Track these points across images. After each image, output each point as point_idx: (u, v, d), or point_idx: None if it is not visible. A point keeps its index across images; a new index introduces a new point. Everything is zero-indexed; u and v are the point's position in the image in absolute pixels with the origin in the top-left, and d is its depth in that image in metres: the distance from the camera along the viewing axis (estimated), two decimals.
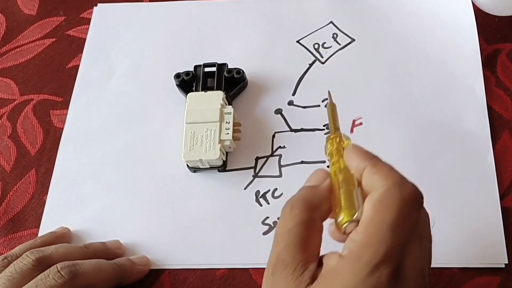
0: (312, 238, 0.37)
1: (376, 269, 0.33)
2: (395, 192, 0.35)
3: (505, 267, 0.47)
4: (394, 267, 0.34)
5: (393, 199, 0.35)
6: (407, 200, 0.35)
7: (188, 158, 0.52)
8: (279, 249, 0.36)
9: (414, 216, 0.36)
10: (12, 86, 0.61)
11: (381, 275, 0.33)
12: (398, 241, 0.34)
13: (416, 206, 0.36)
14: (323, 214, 0.38)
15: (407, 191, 0.35)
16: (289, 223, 0.37)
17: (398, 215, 0.34)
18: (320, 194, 0.38)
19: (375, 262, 0.33)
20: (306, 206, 0.37)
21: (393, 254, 0.34)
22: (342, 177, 0.39)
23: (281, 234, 0.37)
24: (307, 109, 0.56)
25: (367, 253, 0.34)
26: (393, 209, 0.35)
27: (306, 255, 0.36)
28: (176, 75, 0.57)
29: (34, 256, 0.45)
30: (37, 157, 0.56)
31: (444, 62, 0.57)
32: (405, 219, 0.35)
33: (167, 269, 0.50)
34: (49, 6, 0.66)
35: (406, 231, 0.35)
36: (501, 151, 0.52)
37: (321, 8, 0.62)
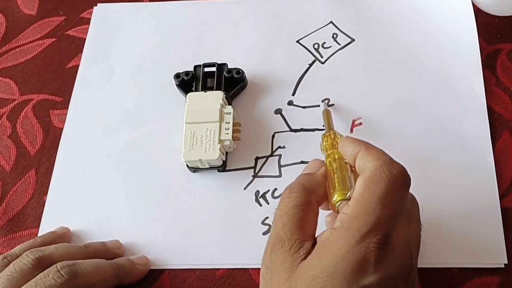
0: (309, 219, 0.40)
1: (366, 237, 0.36)
2: (385, 170, 0.38)
3: (504, 267, 0.47)
4: (382, 237, 0.36)
5: (383, 175, 0.38)
6: (396, 177, 0.38)
7: (188, 158, 0.52)
8: (277, 229, 0.39)
9: (401, 194, 0.38)
10: (12, 86, 0.61)
11: (370, 243, 0.36)
12: (386, 213, 0.37)
13: (404, 184, 0.39)
14: (319, 197, 0.41)
15: (396, 169, 0.38)
16: (287, 205, 0.40)
17: (387, 190, 0.37)
18: (316, 179, 0.42)
19: (364, 230, 0.36)
20: (304, 189, 0.41)
21: (381, 224, 0.37)
22: (336, 165, 0.43)
23: (279, 215, 0.40)
24: (307, 109, 0.56)
25: (357, 222, 0.37)
26: (382, 184, 0.38)
27: (303, 234, 0.38)
28: (176, 75, 0.57)
29: (33, 256, 0.45)
30: (37, 157, 0.56)
31: (444, 62, 0.57)
32: (393, 195, 0.38)
33: (167, 269, 0.50)
34: (49, 6, 0.66)
35: (393, 205, 0.37)
36: (501, 151, 0.52)
37: (321, 8, 0.62)
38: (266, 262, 0.39)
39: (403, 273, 0.37)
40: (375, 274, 0.36)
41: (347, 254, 0.36)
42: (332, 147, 0.46)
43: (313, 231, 0.40)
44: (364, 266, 0.36)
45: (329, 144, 0.46)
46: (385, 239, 0.36)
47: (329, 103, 0.55)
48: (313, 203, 0.41)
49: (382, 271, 0.36)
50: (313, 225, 0.40)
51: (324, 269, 0.36)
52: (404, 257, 0.38)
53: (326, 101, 0.55)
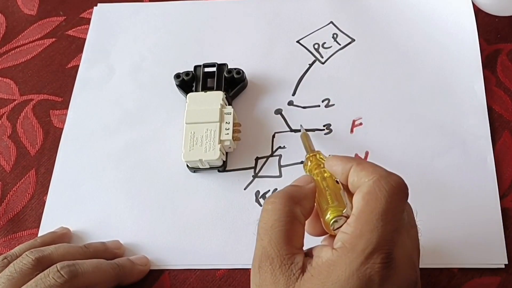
0: (295, 231, 0.38)
1: (370, 257, 0.35)
2: (383, 184, 0.37)
3: (504, 268, 0.47)
4: (386, 255, 0.35)
5: (382, 189, 0.36)
6: (395, 190, 0.37)
7: (188, 158, 0.52)
8: (264, 244, 0.37)
9: (402, 205, 0.37)
10: (12, 86, 0.61)
11: (375, 263, 0.35)
12: (389, 229, 0.36)
13: (403, 196, 0.37)
14: (304, 211, 0.39)
15: (394, 182, 0.37)
16: (272, 217, 0.38)
17: (387, 204, 0.36)
18: (303, 191, 0.40)
19: (368, 251, 0.35)
20: (288, 199, 0.38)
21: (385, 242, 0.35)
22: (326, 183, 0.41)
23: (263, 229, 0.38)
24: (307, 109, 0.56)
25: (360, 242, 0.35)
26: (382, 199, 0.36)
27: (291, 248, 0.37)
28: (176, 75, 0.57)
29: (33, 256, 0.45)
30: (37, 157, 0.56)
31: (444, 62, 0.57)
32: (394, 209, 0.36)
33: (167, 270, 0.50)
34: (49, 6, 0.66)
35: (395, 219, 0.36)
36: (501, 151, 0.52)
37: (321, 8, 0.62)
38: (255, 280, 0.37)
39: (407, 286, 0.36)
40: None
41: (352, 277, 0.34)
42: (318, 167, 0.43)
43: (301, 243, 0.38)
44: (369, 285, 0.34)
45: (314, 164, 0.44)
46: (388, 257, 0.35)
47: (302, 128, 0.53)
48: (298, 215, 0.38)
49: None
50: (300, 237, 0.38)
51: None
52: (408, 271, 0.36)
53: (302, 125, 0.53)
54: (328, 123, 0.55)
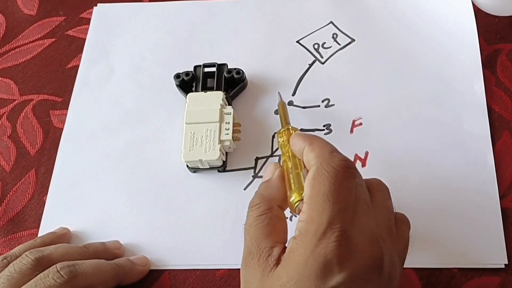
0: (274, 226, 0.40)
1: (323, 238, 0.36)
2: (325, 166, 0.38)
3: (504, 268, 0.47)
4: (340, 233, 0.36)
5: (324, 172, 0.38)
6: (337, 171, 0.38)
7: (188, 158, 0.52)
8: (247, 243, 0.40)
9: (348, 184, 0.38)
10: (12, 86, 0.61)
11: (328, 243, 0.36)
12: (337, 208, 0.37)
13: (347, 175, 0.38)
14: (280, 202, 0.42)
15: (335, 163, 0.38)
16: (251, 218, 0.40)
17: (330, 185, 0.37)
18: (273, 185, 0.43)
19: (320, 232, 0.36)
20: (263, 199, 0.41)
21: (334, 221, 0.36)
22: (291, 164, 0.43)
23: (246, 230, 0.40)
24: (307, 110, 0.56)
25: (312, 226, 0.36)
26: (326, 182, 0.37)
27: (270, 241, 0.39)
28: (176, 76, 0.57)
29: (33, 256, 0.45)
30: (37, 157, 0.56)
31: (444, 62, 0.57)
32: (339, 188, 0.37)
33: (167, 270, 0.50)
34: (49, 6, 0.66)
35: (342, 198, 0.37)
36: (501, 152, 0.52)
37: (321, 8, 0.62)
38: (242, 276, 0.39)
39: (375, 265, 0.37)
40: (341, 273, 0.35)
41: (308, 259, 0.36)
42: (288, 143, 0.45)
43: (282, 236, 0.40)
44: (328, 267, 0.35)
45: (285, 140, 0.45)
46: (343, 235, 0.36)
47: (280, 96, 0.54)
48: (275, 209, 0.41)
49: (348, 268, 0.35)
50: (281, 230, 0.40)
51: (290, 278, 0.36)
52: (371, 248, 0.37)
53: (280, 92, 0.54)
54: (328, 123, 0.55)
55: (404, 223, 0.43)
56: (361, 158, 0.52)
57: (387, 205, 0.41)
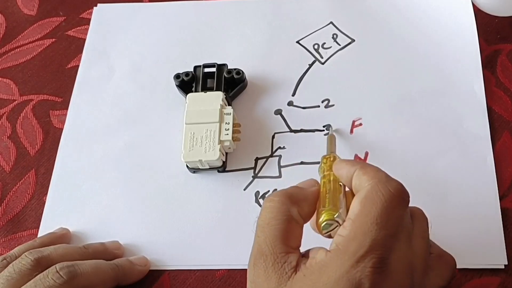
0: (291, 231, 0.38)
1: (361, 260, 0.34)
2: (381, 188, 0.37)
3: (504, 268, 0.47)
4: (379, 259, 0.34)
5: (379, 194, 0.36)
6: (392, 195, 0.36)
7: (188, 158, 0.52)
8: (259, 241, 0.37)
9: (400, 211, 0.37)
10: (12, 87, 0.61)
11: (366, 267, 0.34)
12: (383, 233, 0.35)
13: (401, 202, 0.37)
14: (303, 212, 0.39)
15: (392, 187, 0.37)
16: (268, 215, 0.38)
17: (383, 209, 0.36)
18: (304, 193, 0.40)
19: (360, 253, 0.34)
20: (287, 198, 0.39)
21: (378, 246, 0.35)
22: (330, 186, 0.41)
23: (261, 226, 0.38)
24: (307, 110, 0.56)
25: (352, 245, 0.35)
26: (379, 204, 0.36)
27: (285, 247, 0.37)
28: (176, 76, 0.57)
29: (33, 257, 0.45)
30: (36, 157, 0.56)
31: (444, 62, 0.57)
32: (390, 213, 0.36)
33: (167, 270, 0.50)
34: (48, 6, 0.66)
35: (391, 225, 0.36)
36: (500, 152, 0.52)
37: (321, 9, 0.62)
38: (250, 276, 0.37)
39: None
40: None
41: (341, 279, 0.34)
42: (329, 169, 0.43)
43: (297, 243, 0.38)
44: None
45: (327, 166, 0.43)
46: (381, 262, 0.35)
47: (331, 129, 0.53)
48: (295, 215, 0.38)
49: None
50: (297, 237, 0.38)
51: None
52: (403, 279, 0.36)
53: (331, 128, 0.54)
54: (328, 124, 0.55)
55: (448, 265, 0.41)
56: (361, 158, 0.52)
57: (426, 236, 0.39)
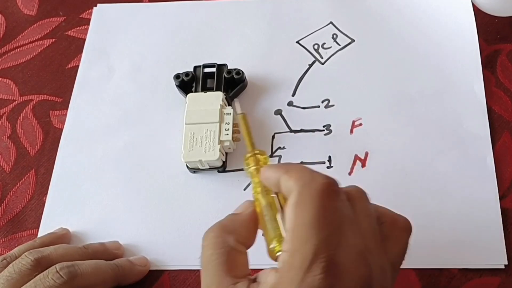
0: (234, 261, 0.37)
1: (309, 271, 0.33)
2: (307, 190, 0.35)
3: (504, 268, 0.47)
4: (326, 263, 0.33)
5: (307, 197, 0.35)
6: (320, 193, 0.35)
7: (188, 159, 0.52)
8: (205, 280, 0.37)
9: (333, 205, 0.35)
10: (12, 87, 0.61)
11: (316, 275, 0.33)
12: (323, 235, 0.34)
13: (331, 195, 0.36)
14: (241, 238, 0.38)
15: (317, 184, 0.35)
16: (207, 252, 0.37)
17: (315, 211, 0.34)
18: (238, 220, 0.39)
19: (306, 265, 0.33)
20: (220, 230, 0.38)
21: (321, 250, 0.34)
22: (265, 201, 0.39)
23: (203, 266, 0.37)
24: (307, 110, 0.56)
25: (297, 258, 0.34)
26: (310, 207, 0.35)
27: (231, 279, 0.36)
28: (176, 76, 0.57)
29: (33, 257, 0.45)
30: (36, 157, 0.56)
31: (444, 62, 0.57)
32: (324, 212, 0.35)
33: (167, 270, 0.50)
34: (48, 7, 0.66)
35: (329, 222, 0.34)
36: (500, 152, 0.52)
37: (321, 9, 0.62)
38: None
39: (364, 284, 0.34)
40: None
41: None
42: (258, 173, 0.40)
43: (244, 271, 0.37)
44: None
45: (254, 169, 0.41)
46: (330, 264, 0.33)
47: (237, 105, 0.46)
48: (234, 244, 0.37)
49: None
50: (243, 265, 0.37)
51: None
52: (359, 269, 0.34)
53: (237, 100, 0.47)
54: (328, 124, 0.55)
55: (402, 229, 0.39)
56: (361, 158, 0.52)
57: (370, 213, 0.38)
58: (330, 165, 0.52)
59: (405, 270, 0.47)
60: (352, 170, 0.52)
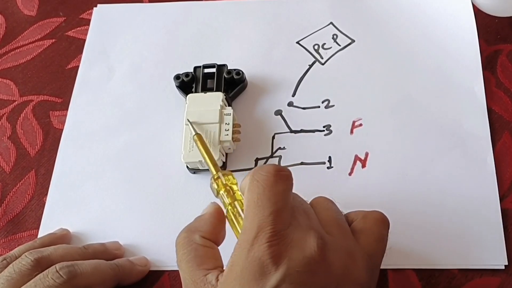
0: (204, 256, 0.40)
1: (254, 243, 0.36)
2: (255, 175, 0.39)
3: (504, 269, 0.47)
4: (272, 233, 0.36)
5: (254, 181, 0.38)
6: (267, 176, 0.38)
7: (188, 159, 0.52)
8: (183, 277, 0.40)
9: (280, 187, 0.38)
10: (12, 87, 0.61)
11: (260, 245, 0.36)
12: (269, 211, 0.37)
13: (278, 178, 0.38)
14: (207, 234, 0.41)
15: (264, 169, 0.39)
16: (178, 253, 0.41)
17: (260, 191, 0.38)
18: (203, 219, 0.43)
19: (252, 237, 0.36)
20: (187, 230, 0.42)
21: (267, 223, 0.36)
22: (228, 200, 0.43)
23: (179, 266, 0.40)
24: (307, 110, 0.56)
25: (245, 234, 0.37)
26: (255, 189, 0.38)
27: (202, 271, 0.39)
28: (176, 76, 0.57)
29: (33, 257, 0.45)
30: (36, 158, 0.56)
31: (444, 63, 0.57)
32: (270, 192, 0.38)
33: (167, 271, 0.50)
34: (48, 7, 0.66)
35: (275, 201, 0.37)
36: (501, 152, 0.52)
37: (321, 9, 0.62)
38: None
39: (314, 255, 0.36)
40: (278, 270, 0.35)
41: (244, 267, 0.36)
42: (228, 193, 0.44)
43: (215, 263, 0.40)
44: (263, 268, 0.35)
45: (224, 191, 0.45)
46: (275, 235, 0.36)
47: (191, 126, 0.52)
48: (198, 240, 0.41)
49: (285, 264, 0.35)
50: (213, 257, 0.40)
51: None
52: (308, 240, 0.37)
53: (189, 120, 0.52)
54: (328, 124, 0.55)
55: (374, 221, 0.42)
56: (361, 159, 0.52)
57: (331, 207, 0.42)
58: (330, 165, 0.52)
59: (405, 270, 0.47)
60: (352, 171, 0.52)
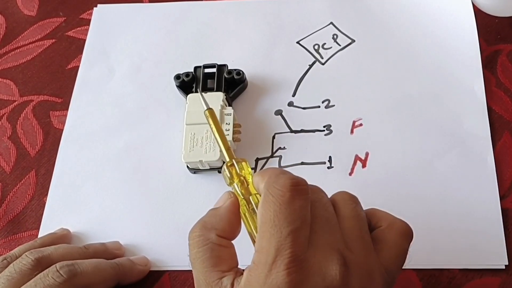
0: (219, 256, 0.38)
1: (273, 267, 0.34)
2: (270, 190, 0.36)
3: (505, 268, 0.47)
4: (290, 259, 0.34)
5: (270, 197, 0.36)
6: (283, 192, 0.35)
7: (188, 159, 0.52)
8: (195, 275, 0.38)
9: (297, 203, 0.35)
10: (12, 87, 0.61)
11: (279, 271, 0.34)
12: (286, 232, 0.34)
13: (295, 193, 0.36)
14: (222, 232, 0.39)
15: (280, 184, 0.36)
16: (192, 250, 0.38)
17: (276, 208, 0.35)
18: (218, 214, 0.40)
19: (270, 261, 0.34)
20: (202, 227, 0.39)
21: (284, 246, 0.34)
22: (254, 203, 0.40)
23: (192, 263, 0.38)
24: (307, 110, 0.56)
25: (262, 256, 0.35)
26: (271, 206, 0.35)
27: (218, 273, 0.37)
28: (176, 76, 0.57)
29: (33, 256, 0.45)
30: (37, 158, 0.56)
31: (444, 63, 0.57)
32: (287, 210, 0.35)
33: (168, 271, 0.50)
34: (49, 7, 0.66)
35: (292, 220, 0.35)
36: (501, 152, 0.52)
37: (321, 9, 0.62)
38: None
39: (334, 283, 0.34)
40: None
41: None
42: (242, 184, 0.41)
43: (231, 264, 0.38)
44: None
45: (238, 181, 0.41)
46: (294, 261, 0.34)
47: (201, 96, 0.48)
48: (215, 239, 0.38)
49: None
50: (229, 258, 0.38)
51: None
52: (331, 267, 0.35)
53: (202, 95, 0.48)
54: (328, 124, 0.55)
55: (399, 234, 0.39)
56: (362, 159, 0.52)
57: (356, 214, 0.38)
58: (330, 165, 0.52)
59: (406, 270, 0.47)
60: (352, 171, 0.52)
